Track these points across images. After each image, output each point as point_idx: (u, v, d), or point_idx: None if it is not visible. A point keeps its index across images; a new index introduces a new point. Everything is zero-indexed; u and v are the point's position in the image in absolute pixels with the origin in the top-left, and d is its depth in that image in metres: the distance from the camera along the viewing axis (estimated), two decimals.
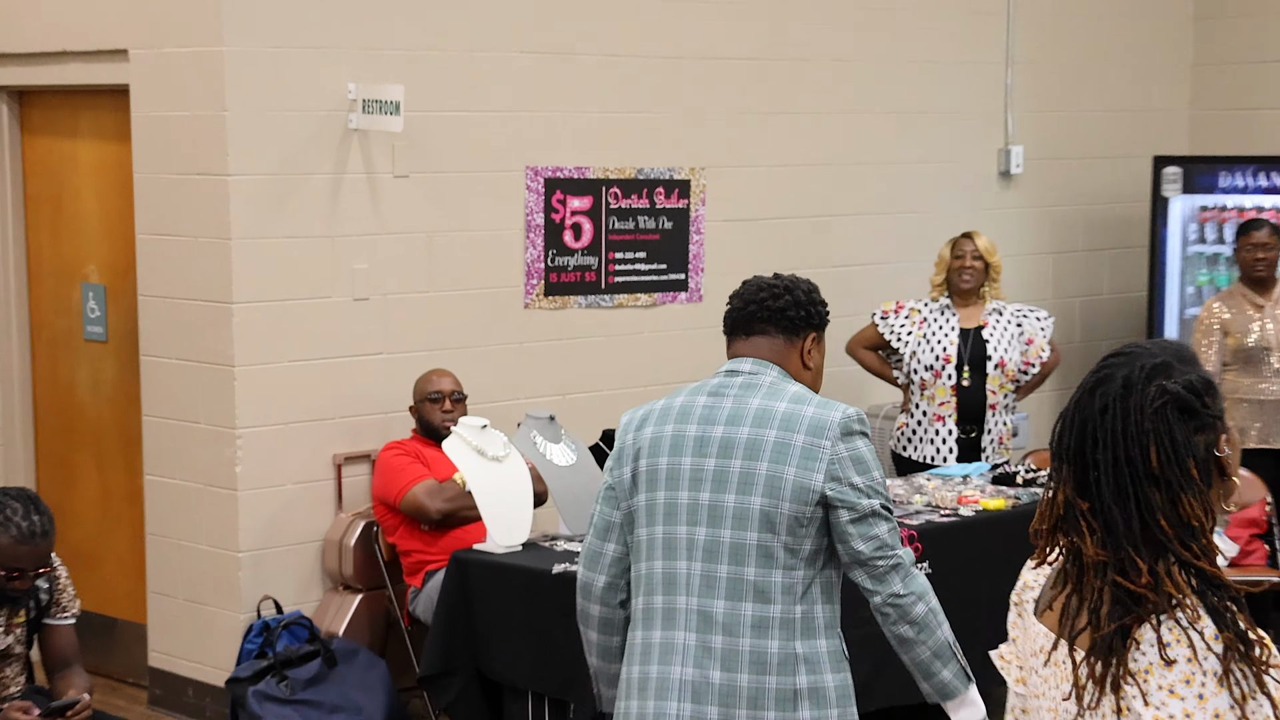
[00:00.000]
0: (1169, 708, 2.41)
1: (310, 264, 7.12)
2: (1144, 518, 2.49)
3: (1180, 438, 2.50)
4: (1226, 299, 8.20)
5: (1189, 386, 2.53)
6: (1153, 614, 2.44)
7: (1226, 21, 10.00)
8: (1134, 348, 2.62)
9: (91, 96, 7.63)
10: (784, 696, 3.93)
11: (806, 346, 4.28)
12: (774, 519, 3.96)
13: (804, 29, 8.51)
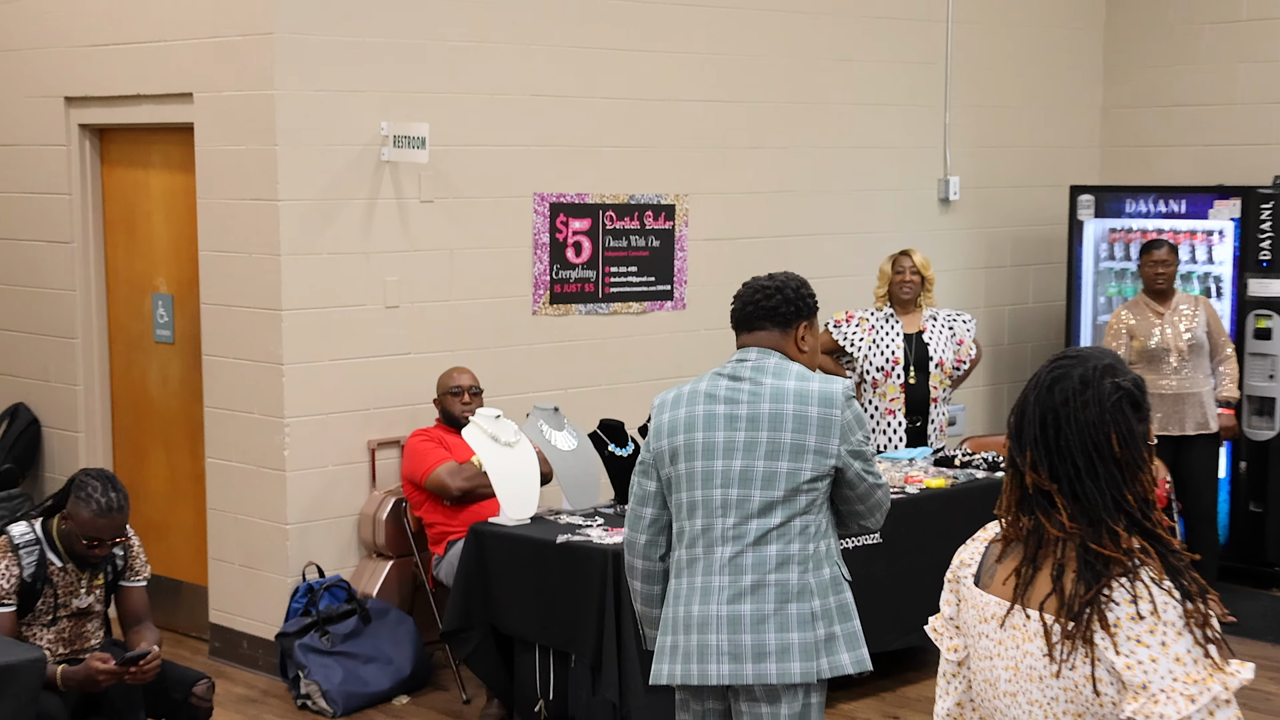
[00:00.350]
0: (1137, 654, 2.41)
1: (348, 276, 7.09)
2: (1115, 494, 2.51)
3: (1134, 427, 2.54)
4: (1132, 307, 8.16)
5: (1136, 384, 2.57)
6: (1121, 575, 2.45)
7: (1130, 72, 9.99)
8: (1079, 352, 2.63)
9: (161, 133, 7.59)
10: (804, 618, 4.12)
11: (799, 334, 4.38)
12: (797, 478, 4.15)
13: (773, 77, 8.49)
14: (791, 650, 4.12)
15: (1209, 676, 2.39)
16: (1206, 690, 2.38)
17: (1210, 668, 2.39)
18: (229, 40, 7.02)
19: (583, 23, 7.74)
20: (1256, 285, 8.52)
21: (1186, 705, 2.37)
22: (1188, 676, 2.39)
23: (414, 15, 7.18)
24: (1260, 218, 8.50)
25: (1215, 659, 2.40)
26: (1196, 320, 7.99)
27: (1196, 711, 2.37)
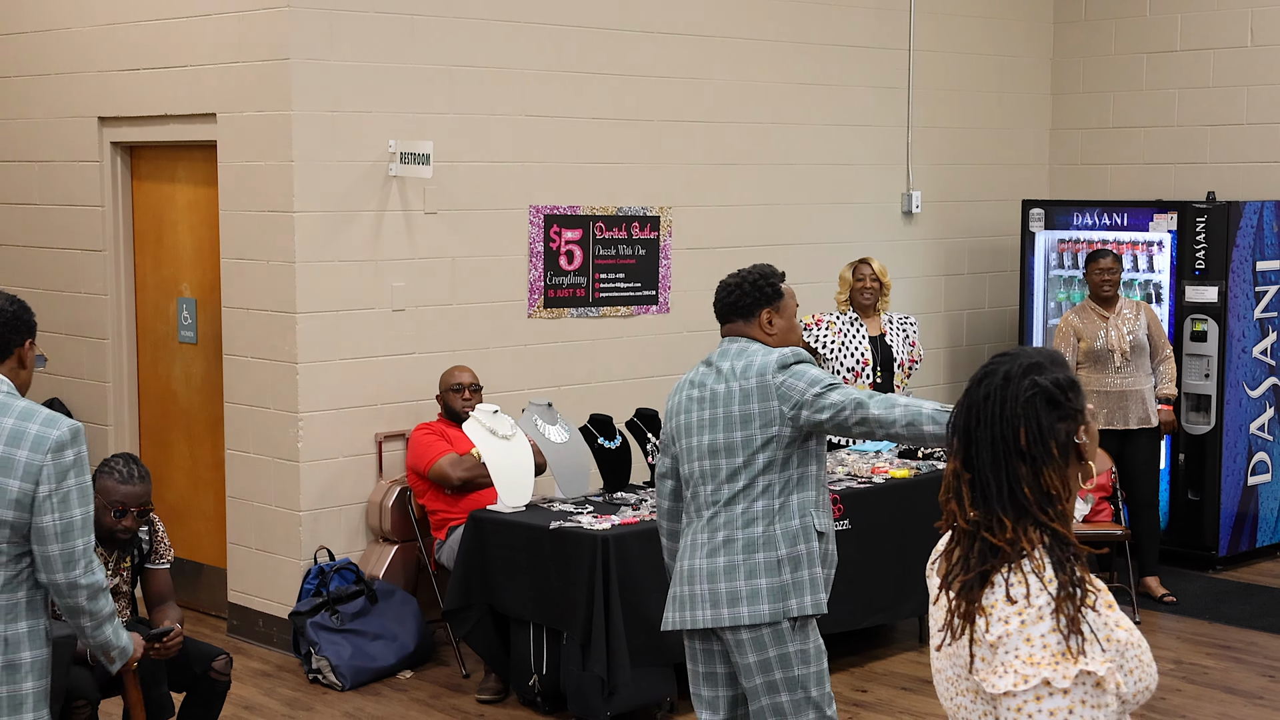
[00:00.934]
0: (996, 630, 2.34)
1: (357, 282, 7.01)
2: (1012, 486, 2.41)
3: (1045, 423, 2.43)
4: (1079, 312, 8.09)
5: (1056, 383, 2.45)
6: (1006, 563, 2.37)
7: (1077, 96, 9.94)
8: (1016, 350, 2.54)
9: (187, 150, 7.51)
10: (770, 565, 4.29)
11: (764, 320, 4.52)
12: (751, 444, 4.33)
13: (752, 99, 8.42)
14: (760, 594, 4.29)
15: (1051, 663, 2.28)
16: (1039, 674, 2.28)
17: (1058, 657, 2.29)
18: (250, 65, 6.94)
19: (575, 49, 7.67)
20: (1193, 292, 8.45)
21: (1017, 683, 2.29)
22: (1030, 658, 2.29)
23: (419, 42, 7.12)
24: (1195, 230, 8.43)
25: (1070, 650, 2.28)
26: (1138, 323, 7.93)
27: (1024, 691, 2.28)
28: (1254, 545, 8.69)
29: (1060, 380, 2.46)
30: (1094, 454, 2.50)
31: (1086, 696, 2.28)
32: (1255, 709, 6.34)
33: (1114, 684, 2.30)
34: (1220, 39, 9.25)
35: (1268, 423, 8.66)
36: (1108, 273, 7.98)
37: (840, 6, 8.79)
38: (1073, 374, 2.50)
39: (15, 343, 3.77)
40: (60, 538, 3.64)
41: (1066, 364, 2.52)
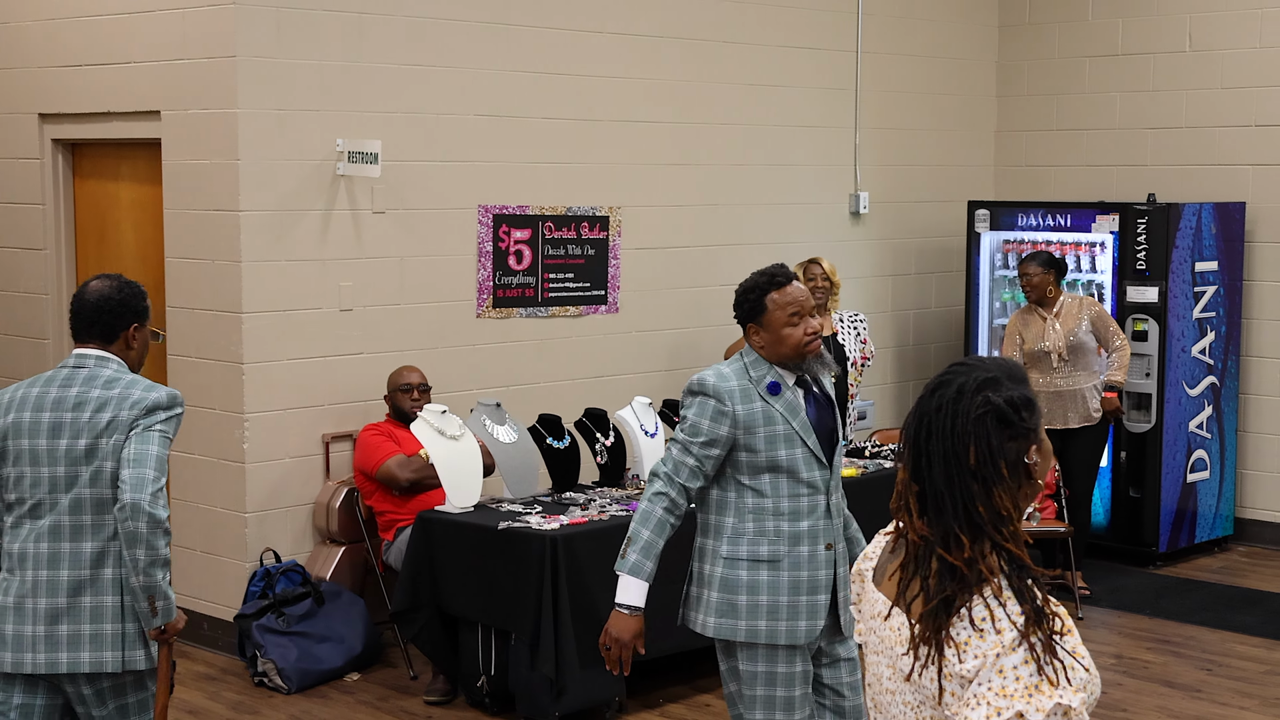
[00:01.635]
0: (971, 665, 2.25)
1: (305, 282, 6.91)
2: (966, 503, 2.31)
3: (995, 442, 2.33)
4: (1024, 312, 8.10)
5: (1009, 401, 2.35)
6: (967, 589, 2.27)
7: (1021, 99, 9.95)
8: (975, 361, 2.42)
9: (130, 148, 7.38)
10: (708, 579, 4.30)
11: (750, 336, 4.33)
12: None
13: (701, 100, 8.37)
14: (710, 606, 4.28)
15: (1025, 695, 2.19)
16: (1013, 706, 2.19)
17: (1030, 689, 2.19)
18: (194, 62, 6.83)
19: (524, 49, 7.59)
20: (1134, 292, 8.48)
21: (990, 715, 2.19)
22: (1003, 690, 2.20)
23: (368, 40, 7.03)
24: (1136, 231, 8.45)
25: (1049, 678, 2.19)
26: (1079, 322, 7.91)
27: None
28: (1193, 541, 8.73)
29: (1014, 398, 2.36)
30: (1045, 473, 2.41)
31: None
32: (1194, 702, 6.36)
33: (1085, 715, 2.22)
34: (1160, 44, 9.28)
35: (1206, 421, 8.70)
36: (1025, 278, 7.96)
37: (788, 8, 8.76)
38: (1029, 392, 2.40)
39: (121, 327, 4.10)
40: (133, 463, 3.90)
41: (1025, 379, 2.42)
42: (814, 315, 4.27)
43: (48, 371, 4.14)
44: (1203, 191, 9.04)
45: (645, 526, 4.22)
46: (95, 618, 3.98)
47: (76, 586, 3.98)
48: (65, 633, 3.97)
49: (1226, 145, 9.03)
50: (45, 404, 4.03)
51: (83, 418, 3.98)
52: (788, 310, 4.23)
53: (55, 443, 3.99)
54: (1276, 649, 7.08)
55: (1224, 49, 9.02)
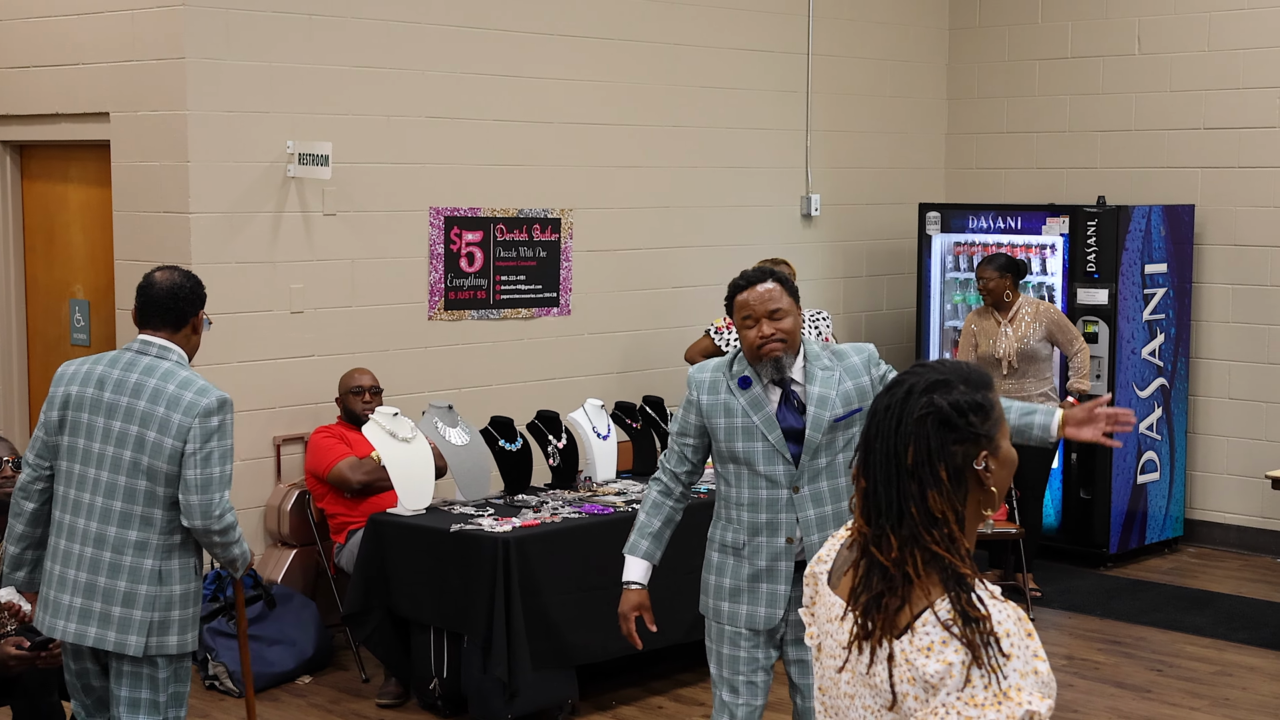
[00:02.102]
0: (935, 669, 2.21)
1: (256, 284, 6.89)
2: (900, 504, 2.29)
3: (935, 445, 2.30)
4: (980, 314, 8.13)
5: (955, 405, 2.32)
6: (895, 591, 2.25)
7: (971, 102, 10.02)
8: (935, 364, 2.40)
9: (79, 150, 7.35)
10: None
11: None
12: None
13: (652, 102, 8.40)
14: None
15: (995, 702, 2.17)
16: (984, 715, 2.17)
17: (1001, 697, 2.17)
18: (144, 64, 6.80)
19: (475, 51, 7.60)
20: (1085, 294, 8.54)
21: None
22: (972, 699, 2.18)
23: (318, 42, 7.01)
24: (1087, 233, 8.52)
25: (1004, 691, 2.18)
26: (1034, 328, 7.89)
27: None
28: (1143, 542, 8.80)
29: (961, 402, 2.33)
30: (1003, 482, 2.37)
31: None
32: (1144, 702, 6.41)
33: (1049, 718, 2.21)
34: (1109, 47, 9.36)
35: (1156, 422, 8.78)
36: (981, 281, 7.94)
37: (740, 11, 8.79)
38: (982, 397, 2.36)
39: (190, 314, 4.40)
40: (200, 489, 4.23)
41: (985, 385, 2.38)
42: (774, 318, 4.26)
43: (112, 351, 4.42)
44: (1152, 194, 9.12)
45: (642, 509, 4.52)
46: (127, 602, 4.26)
47: (115, 570, 4.26)
48: (98, 610, 4.26)
49: (1175, 148, 9.12)
50: (107, 383, 4.31)
51: (139, 405, 4.26)
52: (742, 313, 4.31)
53: (110, 423, 4.29)
54: (1226, 650, 7.15)
55: (1172, 52, 9.11)
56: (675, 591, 6.36)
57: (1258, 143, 8.81)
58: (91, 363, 4.37)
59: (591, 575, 6.07)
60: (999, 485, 2.35)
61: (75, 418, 4.33)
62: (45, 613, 4.35)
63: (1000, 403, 2.41)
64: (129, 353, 4.36)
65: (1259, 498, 8.80)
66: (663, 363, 8.49)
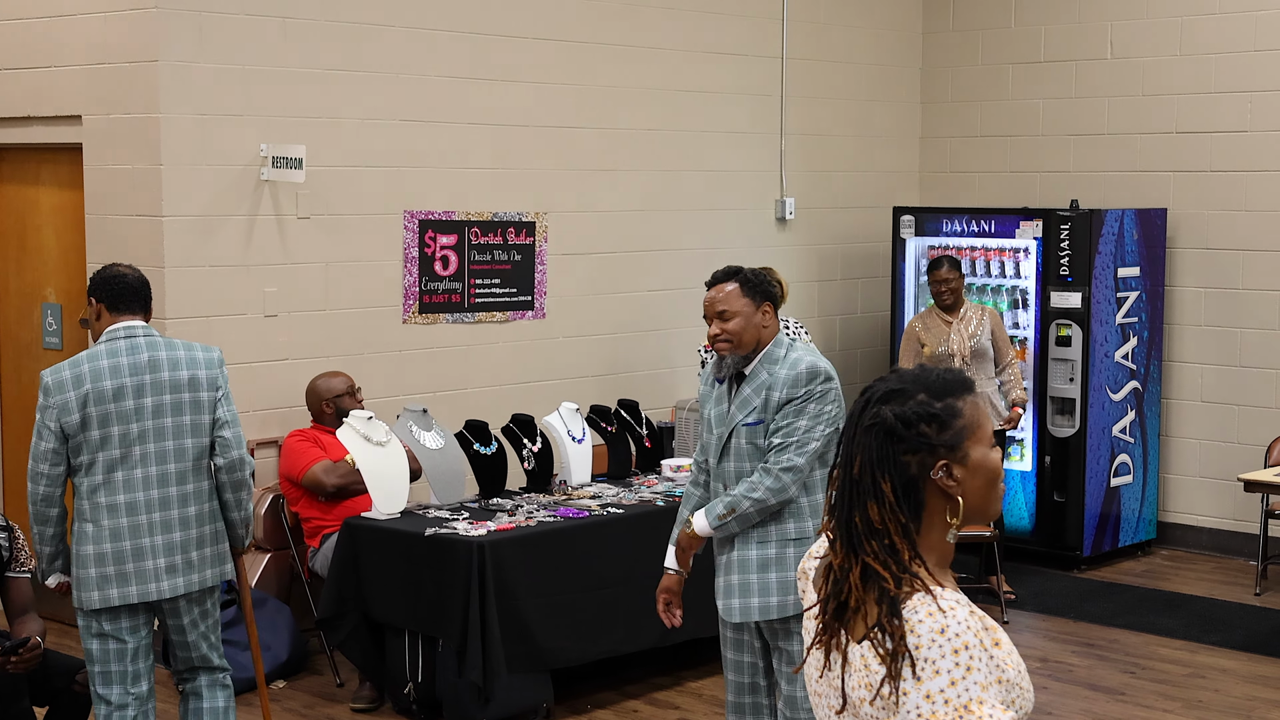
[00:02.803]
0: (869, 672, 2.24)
1: (229, 288, 6.89)
2: (847, 512, 2.31)
3: (878, 455, 2.30)
4: (924, 317, 8.18)
5: (901, 416, 2.31)
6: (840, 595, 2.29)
7: (945, 106, 10.06)
8: (901, 373, 2.40)
9: (51, 153, 7.32)
10: None
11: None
12: None
13: (627, 105, 8.42)
14: None
15: (956, 716, 2.16)
16: None
17: (960, 711, 2.16)
18: (116, 66, 6.79)
19: (449, 54, 7.60)
20: (1058, 297, 8.59)
21: None
22: (937, 715, 2.16)
23: (291, 45, 7.01)
24: (1060, 237, 8.57)
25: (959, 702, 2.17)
26: (981, 328, 8.01)
27: None
28: (1116, 545, 8.85)
29: (910, 413, 2.32)
30: (976, 490, 2.35)
31: None
32: (1118, 705, 6.45)
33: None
34: (1082, 51, 9.42)
35: (1129, 425, 8.83)
36: (944, 282, 8.03)
37: (714, 15, 8.82)
38: (942, 407, 2.34)
39: (150, 298, 4.95)
40: (233, 423, 4.92)
41: (950, 392, 2.36)
42: (723, 319, 4.50)
43: (99, 345, 4.80)
44: (1125, 198, 9.18)
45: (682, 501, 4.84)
46: (215, 540, 4.92)
47: (198, 519, 4.87)
48: (196, 558, 4.85)
49: (1148, 152, 9.18)
50: (122, 371, 4.76)
51: (163, 376, 4.80)
52: (704, 310, 4.58)
53: (141, 401, 4.76)
54: (1199, 651, 7.20)
55: (1145, 56, 9.16)
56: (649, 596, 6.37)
57: (1229, 147, 8.87)
58: (89, 360, 4.76)
59: (566, 579, 6.08)
60: (970, 493, 2.34)
61: (101, 412, 4.72)
62: (131, 585, 4.77)
63: (978, 409, 2.39)
64: (123, 340, 4.81)
65: (1231, 500, 8.86)
66: (638, 366, 8.51)
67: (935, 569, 2.32)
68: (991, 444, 2.38)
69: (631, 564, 6.28)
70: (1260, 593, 8.19)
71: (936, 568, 2.32)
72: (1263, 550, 8.25)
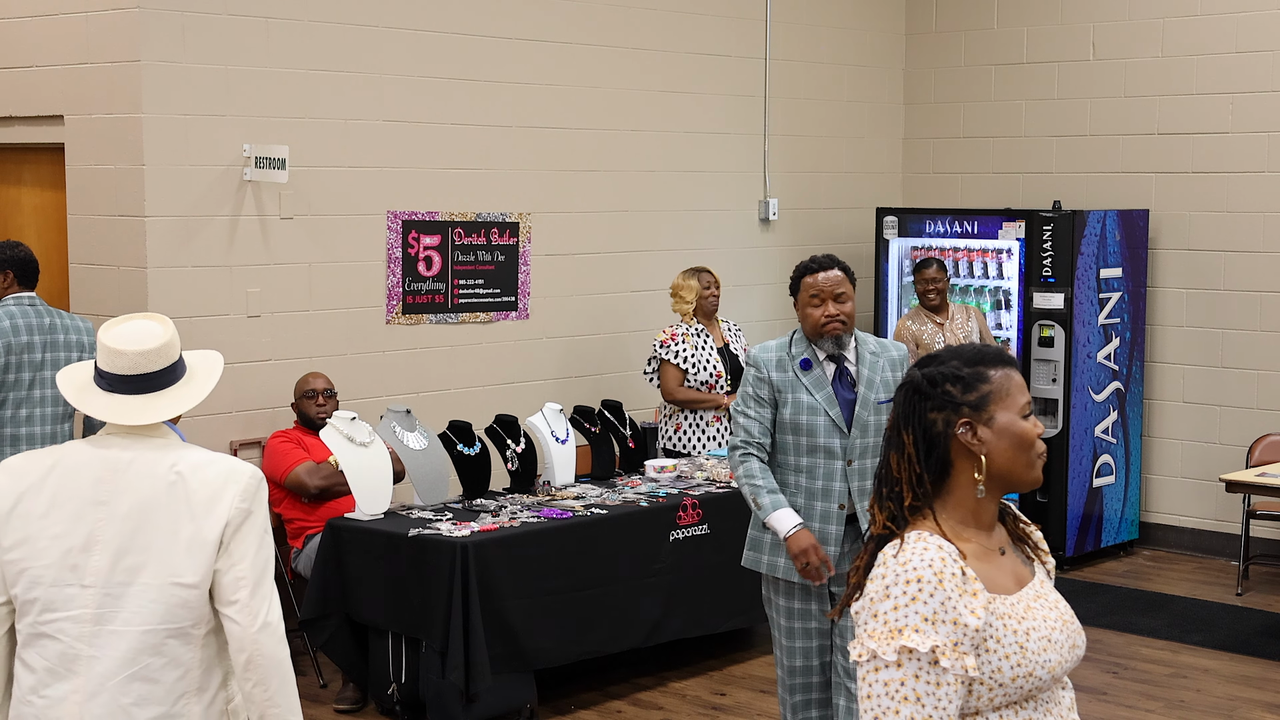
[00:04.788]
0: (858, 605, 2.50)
1: (212, 288, 6.88)
2: (881, 463, 2.57)
3: (905, 411, 2.52)
4: (913, 317, 8.24)
5: (929, 376, 2.53)
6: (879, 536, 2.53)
7: (928, 107, 10.08)
8: (948, 347, 2.63)
9: (33, 153, 7.30)
10: None
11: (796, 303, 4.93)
12: None
13: (610, 106, 8.42)
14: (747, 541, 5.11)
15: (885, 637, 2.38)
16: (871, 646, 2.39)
17: (893, 633, 2.38)
18: (99, 66, 6.78)
19: (433, 54, 7.61)
20: (1040, 298, 8.63)
21: (861, 654, 2.40)
22: (873, 633, 2.39)
23: (274, 45, 7.01)
24: (1042, 238, 8.60)
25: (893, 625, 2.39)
26: (970, 327, 8.13)
27: (865, 662, 2.39)
28: (1099, 545, 8.89)
29: (938, 373, 2.52)
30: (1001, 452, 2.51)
31: (920, 672, 2.36)
32: (1100, 704, 6.48)
33: (957, 664, 2.37)
34: (1064, 52, 9.45)
35: (1112, 426, 8.87)
36: (933, 281, 8.12)
37: (697, 15, 8.83)
38: (970, 371, 2.52)
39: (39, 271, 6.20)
40: None
41: (984, 362, 2.54)
42: (839, 301, 4.81)
43: (8, 307, 6.04)
44: (1107, 198, 9.22)
45: (751, 480, 4.81)
46: None
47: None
48: None
49: (1130, 153, 9.22)
50: (35, 329, 6.08)
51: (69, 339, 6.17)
52: (809, 293, 4.82)
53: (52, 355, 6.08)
54: (1181, 652, 7.23)
55: (1127, 58, 9.20)
56: (633, 597, 6.39)
57: (1211, 148, 8.91)
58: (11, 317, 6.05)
59: (550, 580, 6.10)
60: (996, 454, 2.51)
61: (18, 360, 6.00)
62: None
63: (1010, 380, 2.55)
64: (29, 306, 6.14)
65: (1213, 500, 8.90)
66: (621, 367, 8.53)
67: (958, 524, 2.51)
68: (1024, 414, 2.54)
69: (615, 565, 6.30)
70: (1242, 593, 8.23)
71: (960, 524, 2.51)
72: (1244, 550, 8.30)
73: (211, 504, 3.07)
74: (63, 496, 3.07)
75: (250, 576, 3.06)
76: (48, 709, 3.04)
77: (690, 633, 6.65)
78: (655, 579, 6.44)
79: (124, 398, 3.14)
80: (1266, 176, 8.75)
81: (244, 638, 3.04)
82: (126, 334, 3.17)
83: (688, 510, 6.56)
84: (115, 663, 3.03)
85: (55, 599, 3.04)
